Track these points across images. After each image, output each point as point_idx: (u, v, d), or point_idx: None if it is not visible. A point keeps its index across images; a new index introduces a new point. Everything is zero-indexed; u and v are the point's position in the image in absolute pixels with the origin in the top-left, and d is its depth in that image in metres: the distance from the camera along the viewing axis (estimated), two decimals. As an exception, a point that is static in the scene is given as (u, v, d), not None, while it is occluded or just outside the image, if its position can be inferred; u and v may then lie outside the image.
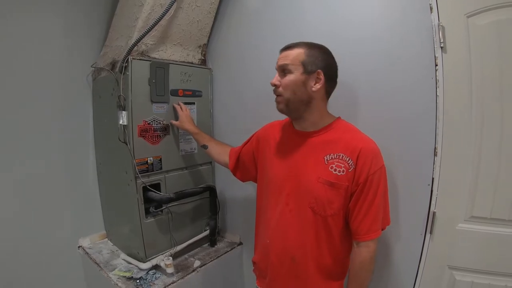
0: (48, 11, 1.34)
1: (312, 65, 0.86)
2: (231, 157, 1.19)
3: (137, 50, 1.24)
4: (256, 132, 1.15)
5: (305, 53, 0.86)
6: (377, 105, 1.08)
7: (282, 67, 0.88)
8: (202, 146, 1.28)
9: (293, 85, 0.86)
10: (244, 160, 1.15)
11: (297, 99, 0.87)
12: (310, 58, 0.86)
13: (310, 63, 0.85)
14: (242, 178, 1.19)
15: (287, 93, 0.87)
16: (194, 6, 1.33)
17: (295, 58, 0.86)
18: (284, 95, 0.88)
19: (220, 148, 1.25)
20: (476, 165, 0.96)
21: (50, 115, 1.38)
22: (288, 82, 0.86)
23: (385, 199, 0.89)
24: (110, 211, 1.53)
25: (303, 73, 0.85)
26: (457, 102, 0.97)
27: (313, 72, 0.86)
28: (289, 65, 0.86)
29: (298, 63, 0.85)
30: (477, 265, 0.98)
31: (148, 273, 1.28)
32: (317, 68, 0.86)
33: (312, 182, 0.87)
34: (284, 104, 0.89)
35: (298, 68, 0.86)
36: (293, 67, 0.86)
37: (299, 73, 0.86)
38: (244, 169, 1.16)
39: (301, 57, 0.85)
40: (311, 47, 0.87)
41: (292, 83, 0.86)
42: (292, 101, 0.87)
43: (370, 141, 0.88)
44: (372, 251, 0.86)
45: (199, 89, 1.47)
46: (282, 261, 0.94)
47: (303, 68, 0.85)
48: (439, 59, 0.97)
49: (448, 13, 0.96)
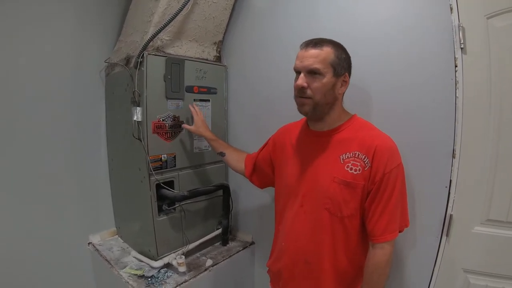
0: (62, 5, 1.33)
1: (341, 68, 0.84)
2: (247, 164, 1.17)
3: (152, 45, 1.23)
4: (271, 136, 1.13)
5: (334, 54, 0.82)
6: (396, 105, 1.07)
7: (311, 69, 0.82)
8: (219, 154, 1.25)
9: (325, 89, 0.82)
10: (262, 166, 1.13)
11: (325, 102, 0.84)
12: (339, 61, 0.83)
13: (339, 65, 0.83)
14: (260, 184, 1.17)
15: (317, 96, 0.83)
16: (211, 2, 1.32)
17: (325, 60, 0.81)
18: (314, 98, 0.83)
19: (237, 155, 1.22)
20: (493, 168, 0.95)
21: (63, 110, 1.37)
22: (320, 85, 0.82)
23: (403, 199, 0.86)
24: (121, 207, 1.52)
25: (333, 76, 0.83)
26: (476, 103, 0.96)
27: (341, 75, 0.85)
28: (320, 68, 0.81)
29: (328, 65, 0.82)
30: (492, 269, 0.98)
31: (159, 272, 1.27)
32: (345, 71, 0.85)
33: (327, 182, 0.86)
34: (312, 107, 0.84)
35: (329, 70, 0.82)
36: (325, 69, 0.81)
37: (330, 75, 0.82)
38: (262, 174, 1.14)
39: (330, 58, 0.82)
40: (337, 46, 0.85)
41: (325, 86, 0.82)
42: (321, 104, 0.84)
43: (387, 137, 0.85)
44: (387, 253, 0.83)
45: (214, 86, 1.46)
46: (296, 263, 0.93)
47: (333, 70, 0.82)
48: (459, 60, 0.97)
49: (469, 14, 0.95)
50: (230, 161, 1.23)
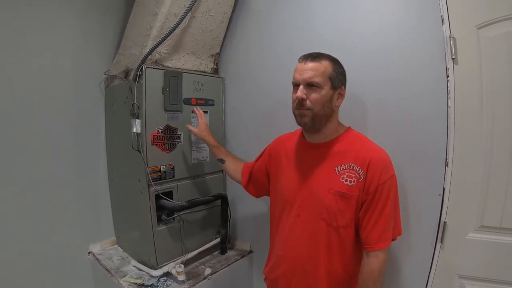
0: (62, 18, 1.36)
1: (338, 81, 0.87)
2: (243, 173, 1.19)
3: (151, 58, 1.26)
4: (268, 146, 1.15)
5: (332, 67, 0.86)
6: (388, 116, 1.09)
7: (311, 82, 0.85)
8: (219, 160, 1.27)
9: (323, 100, 0.86)
10: (257, 175, 1.15)
11: (323, 113, 0.87)
12: (336, 74, 0.87)
13: (336, 79, 0.87)
14: (256, 193, 1.20)
15: (316, 107, 0.86)
16: (208, 16, 1.35)
17: (324, 73, 0.85)
18: (313, 110, 0.86)
19: (236, 164, 1.24)
20: (486, 175, 0.97)
21: (63, 122, 1.39)
22: (319, 97, 0.85)
23: (396, 208, 0.89)
24: (121, 217, 1.53)
25: (331, 88, 0.86)
26: (468, 113, 0.98)
27: (338, 88, 0.88)
28: (319, 81, 0.85)
29: (326, 78, 0.85)
30: (487, 274, 0.99)
31: (159, 280, 1.28)
32: (341, 84, 0.88)
33: (323, 193, 0.88)
34: (310, 118, 0.87)
35: (327, 83, 0.86)
36: (323, 82, 0.85)
37: (328, 88, 0.86)
38: (258, 184, 1.17)
39: (328, 72, 0.86)
40: (334, 61, 0.89)
41: (323, 98, 0.86)
42: (319, 115, 0.87)
43: (381, 150, 0.88)
44: (381, 261, 0.85)
45: (212, 98, 1.49)
46: (294, 272, 0.94)
47: (331, 83, 0.86)
48: (450, 70, 0.99)
49: (459, 24, 0.98)
50: (228, 169, 1.25)
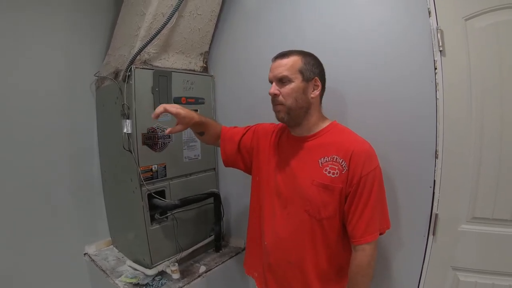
0: (51, 19, 1.36)
1: (310, 73, 0.87)
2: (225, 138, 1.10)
3: (139, 59, 1.26)
4: (252, 127, 1.11)
5: (302, 60, 0.87)
6: (377, 110, 1.09)
7: (280, 77, 0.87)
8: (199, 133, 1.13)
9: (295, 93, 0.87)
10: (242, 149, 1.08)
11: (298, 106, 0.88)
12: (307, 66, 0.87)
13: (307, 70, 0.87)
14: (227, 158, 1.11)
15: (288, 101, 0.87)
16: (196, 15, 1.35)
17: (293, 67, 0.86)
18: (285, 104, 0.88)
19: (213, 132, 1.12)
20: (477, 167, 0.97)
21: (55, 123, 1.40)
22: (289, 90, 0.87)
23: (382, 201, 0.88)
24: (116, 218, 1.54)
25: (303, 80, 0.87)
26: (457, 104, 0.98)
27: (311, 80, 0.88)
28: (288, 74, 0.86)
29: (296, 71, 0.86)
30: (480, 266, 1.00)
31: (154, 279, 1.29)
32: (314, 75, 0.88)
33: (306, 185, 0.88)
34: (286, 113, 0.89)
35: (297, 76, 0.86)
36: (292, 76, 0.86)
37: (299, 81, 0.87)
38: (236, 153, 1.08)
39: (298, 65, 0.87)
40: (305, 54, 0.89)
41: (294, 91, 0.86)
42: (294, 109, 0.88)
43: (364, 142, 0.88)
44: (368, 255, 0.84)
45: (202, 96, 1.49)
46: (280, 264, 0.95)
47: (302, 75, 0.87)
48: (438, 62, 0.99)
49: (447, 16, 0.97)
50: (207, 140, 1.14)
